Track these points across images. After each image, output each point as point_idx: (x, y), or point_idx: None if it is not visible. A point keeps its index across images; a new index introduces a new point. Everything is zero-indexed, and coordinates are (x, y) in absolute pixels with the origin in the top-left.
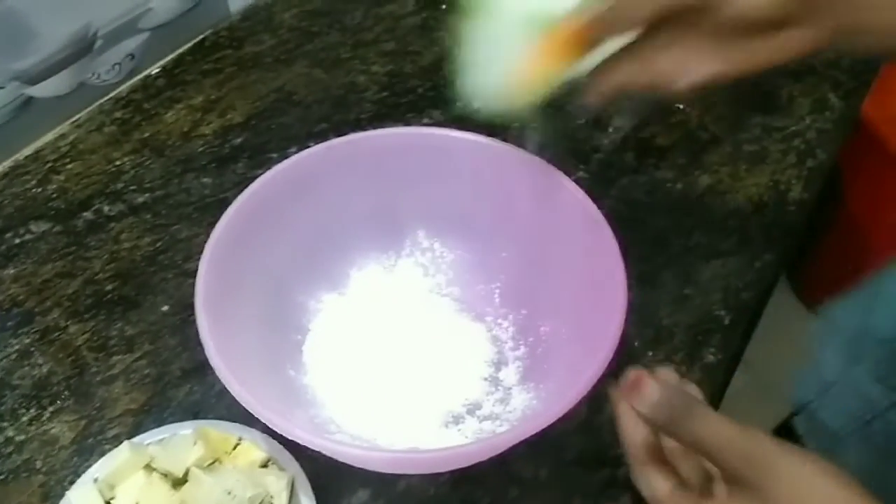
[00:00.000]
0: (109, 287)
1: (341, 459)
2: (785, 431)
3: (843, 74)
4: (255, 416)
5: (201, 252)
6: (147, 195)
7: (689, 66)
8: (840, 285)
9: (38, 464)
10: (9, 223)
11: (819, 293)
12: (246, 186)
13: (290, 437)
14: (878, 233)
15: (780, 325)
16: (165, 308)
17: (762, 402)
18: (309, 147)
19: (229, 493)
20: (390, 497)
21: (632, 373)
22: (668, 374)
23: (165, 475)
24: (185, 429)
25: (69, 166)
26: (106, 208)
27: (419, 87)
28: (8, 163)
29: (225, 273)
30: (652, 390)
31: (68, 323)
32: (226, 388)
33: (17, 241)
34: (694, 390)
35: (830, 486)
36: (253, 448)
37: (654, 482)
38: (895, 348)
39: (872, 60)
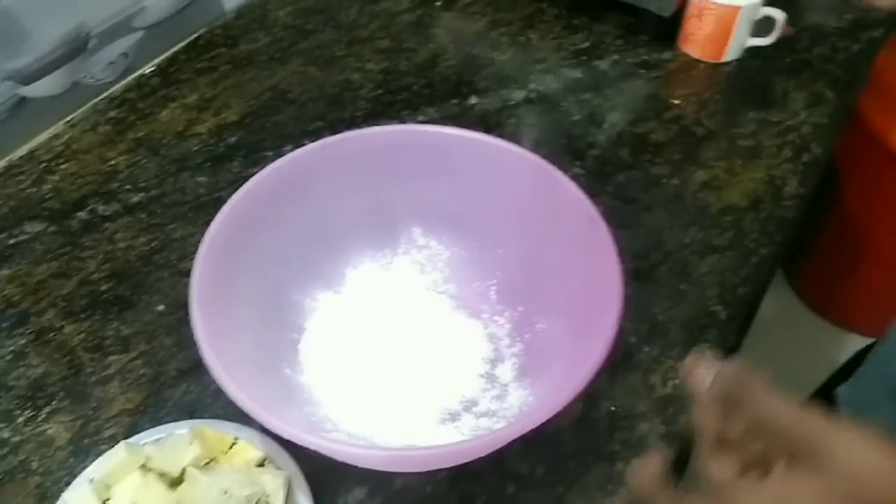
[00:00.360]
0: (105, 287)
1: (338, 458)
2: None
3: (839, 69)
4: (251, 415)
5: (196, 251)
6: (142, 194)
7: None
8: (836, 280)
9: (34, 465)
10: (3, 223)
11: (815, 288)
12: (241, 185)
13: (285, 437)
14: (874, 227)
15: (776, 319)
16: (161, 308)
17: None
18: (304, 145)
19: (226, 492)
20: (387, 495)
21: (693, 355)
22: (731, 362)
23: (162, 475)
24: (182, 428)
25: (63, 166)
26: (101, 208)
27: (414, 85)
28: (2, 163)
29: (220, 272)
30: (715, 364)
31: (63, 323)
32: (221, 387)
33: (12, 241)
34: (760, 377)
35: (887, 460)
36: (249, 447)
37: (720, 465)
38: None
39: (868, 54)
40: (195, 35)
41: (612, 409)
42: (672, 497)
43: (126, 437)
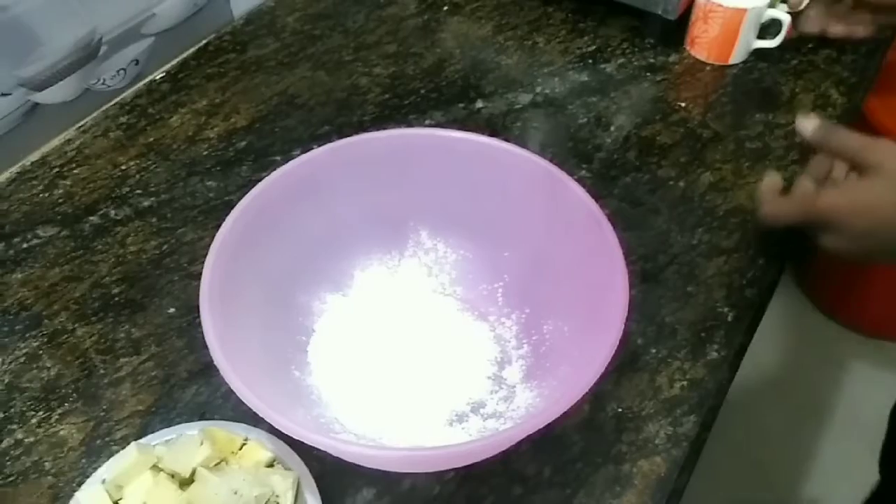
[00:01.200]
0: (116, 290)
1: (346, 458)
2: None
3: (845, 70)
4: (261, 416)
5: (206, 254)
6: (152, 199)
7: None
8: (845, 281)
9: (47, 465)
10: (16, 228)
11: (824, 289)
12: (250, 189)
13: (295, 437)
14: None
15: (785, 321)
16: (172, 310)
17: (769, 398)
18: (312, 149)
19: (235, 492)
20: (395, 496)
21: (803, 114)
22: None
23: (172, 475)
24: (192, 429)
25: (75, 171)
26: (112, 212)
27: (421, 89)
28: (15, 168)
29: (230, 275)
30: (817, 119)
31: (76, 326)
32: (232, 389)
33: (25, 245)
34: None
35: None
36: (259, 448)
37: (813, 179)
38: None
39: (875, 55)
40: (205, 41)
41: (619, 410)
42: (790, 200)
43: (137, 438)
